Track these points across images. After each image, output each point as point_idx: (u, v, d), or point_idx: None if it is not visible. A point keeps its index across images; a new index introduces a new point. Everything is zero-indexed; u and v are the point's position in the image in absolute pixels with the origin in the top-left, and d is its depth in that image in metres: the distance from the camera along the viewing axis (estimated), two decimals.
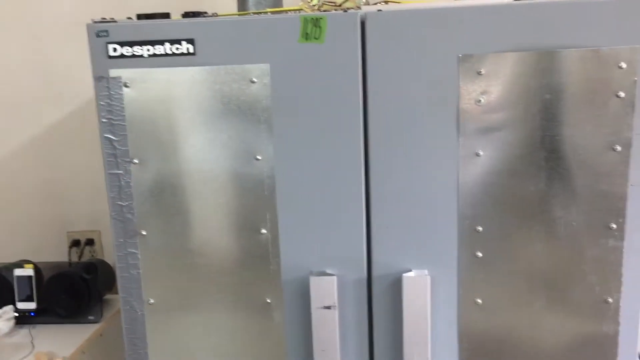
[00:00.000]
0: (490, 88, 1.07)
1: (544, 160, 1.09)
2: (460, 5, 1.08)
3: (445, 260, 1.14)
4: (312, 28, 1.07)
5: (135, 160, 1.15)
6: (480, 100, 1.08)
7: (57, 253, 1.93)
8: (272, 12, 1.21)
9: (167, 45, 1.10)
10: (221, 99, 1.12)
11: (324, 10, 1.17)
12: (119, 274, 1.21)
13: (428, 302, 1.12)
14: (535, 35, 1.05)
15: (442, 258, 1.14)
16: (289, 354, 1.20)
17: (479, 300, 1.15)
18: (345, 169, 1.12)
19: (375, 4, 1.20)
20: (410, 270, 1.14)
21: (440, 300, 1.15)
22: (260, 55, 1.09)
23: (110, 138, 1.14)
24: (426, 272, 1.14)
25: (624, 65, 1.04)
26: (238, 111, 1.12)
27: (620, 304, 1.12)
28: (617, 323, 1.13)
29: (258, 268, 1.18)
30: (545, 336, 1.15)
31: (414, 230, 1.13)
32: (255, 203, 1.15)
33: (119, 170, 1.15)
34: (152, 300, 1.21)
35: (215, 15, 1.21)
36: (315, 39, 1.08)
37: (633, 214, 1.09)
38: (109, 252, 1.93)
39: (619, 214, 1.09)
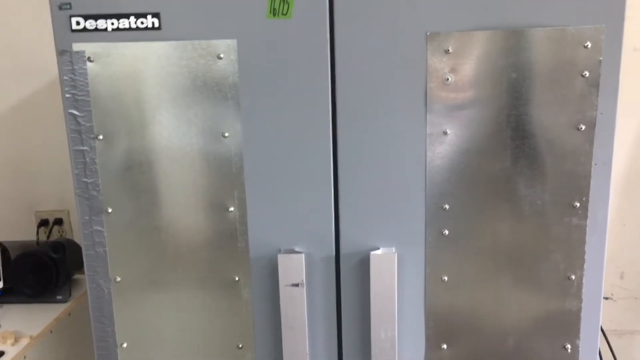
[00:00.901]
0: (458, 66, 1.07)
1: (510, 139, 1.10)
2: None
3: (412, 238, 1.15)
4: (279, 3, 1.06)
5: (100, 137, 1.13)
6: (448, 79, 1.08)
7: (25, 232, 1.91)
8: None
9: (132, 18, 1.08)
10: (188, 75, 1.10)
11: None
12: (84, 252, 1.19)
13: (395, 279, 1.13)
14: (502, 13, 1.05)
15: (409, 236, 1.15)
16: (257, 332, 1.20)
17: (445, 278, 1.16)
18: (313, 146, 1.12)
19: None
20: (378, 248, 1.15)
21: (407, 278, 1.16)
22: (228, 31, 1.08)
23: (74, 114, 1.12)
24: (393, 249, 1.15)
25: (589, 44, 1.05)
26: (205, 88, 1.10)
27: (583, 281, 1.15)
28: (580, 299, 1.15)
29: (226, 246, 1.17)
30: (510, 312, 1.17)
31: (382, 208, 1.14)
32: (223, 181, 1.15)
33: (84, 146, 1.14)
34: (118, 279, 1.20)
35: None
36: (283, 14, 1.06)
37: (596, 193, 1.11)
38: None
39: (583, 192, 1.11)
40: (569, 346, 1.17)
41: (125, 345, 1.22)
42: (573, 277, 1.15)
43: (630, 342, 1.95)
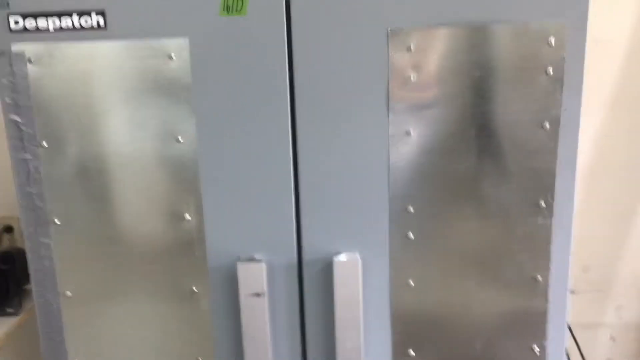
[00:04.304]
0: (420, 64, 1.04)
1: (474, 138, 1.07)
2: None
3: (376, 242, 1.11)
4: None
5: (44, 144, 1.06)
6: (410, 77, 1.04)
7: None
8: None
9: (75, 17, 1.01)
10: (137, 77, 1.04)
11: None
12: (31, 266, 1.13)
13: (359, 285, 1.09)
14: (464, 8, 1.01)
15: (373, 240, 1.11)
16: (217, 343, 1.15)
17: (411, 282, 1.13)
18: (272, 150, 1.07)
19: None
20: (342, 254, 1.11)
21: (372, 283, 1.12)
22: (179, 29, 1.02)
23: (15, 120, 1.05)
24: (357, 255, 1.11)
25: (552, 41, 1.02)
26: (156, 89, 1.04)
27: (549, 281, 1.13)
28: (547, 300, 1.14)
29: (183, 255, 1.12)
30: (477, 314, 1.15)
31: (345, 213, 1.10)
32: (178, 187, 1.09)
33: (27, 154, 1.06)
34: (69, 293, 1.13)
35: None
36: (237, 11, 1.01)
37: (561, 192, 1.09)
38: None
39: (548, 191, 1.09)
40: (536, 347, 1.15)
41: None
42: (539, 277, 1.13)
43: (595, 335, 1.97)
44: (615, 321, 1.97)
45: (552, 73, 1.04)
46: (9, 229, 1.81)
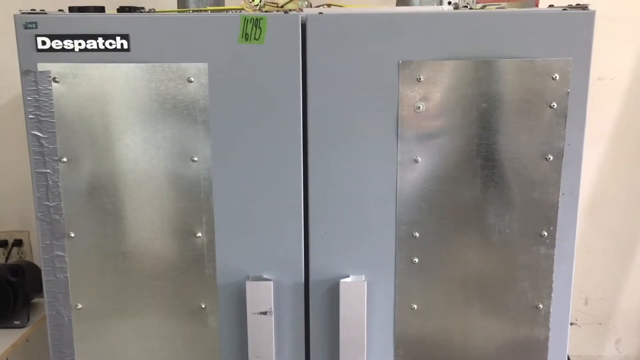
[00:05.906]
0: (429, 95, 1.08)
1: (479, 167, 1.10)
2: (401, 12, 1.08)
3: (382, 265, 1.14)
4: (252, 28, 1.05)
5: (64, 159, 1.10)
6: (419, 107, 1.08)
7: None
8: (213, 11, 1.18)
9: (100, 40, 1.05)
10: (156, 98, 1.08)
11: (266, 11, 1.15)
12: (44, 277, 1.15)
13: (365, 307, 1.12)
14: (473, 44, 1.06)
15: (379, 264, 1.14)
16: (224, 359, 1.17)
17: (415, 306, 1.15)
18: (283, 172, 1.10)
19: (318, 6, 1.19)
20: (348, 276, 1.13)
21: (376, 306, 1.15)
22: (199, 54, 1.06)
23: (37, 135, 1.09)
24: (363, 277, 1.13)
25: (557, 76, 1.06)
26: (174, 111, 1.08)
27: (551, 310, 1.15)
28: (547, 328, 1.16)
29: (193, 272, 1.14)
30: (479, 341, 1.17)
31: (352, 236, 1.13)
32: (191, 205, 1.12)
33: (47, 169, 1.10)
34: (80, 306, 1.15)
35: (152, 11, 1.17)
36: (256, 39, 1.06)
37: (563, 222, 1.12)
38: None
39: (550, 222, 1.12)
40: None
41: None
42: (541, 305, 1.15)
43: None
44: (614, 354, 1.97)
45: (556, 107, 1.07)
46: (18, 242, 1.84)
